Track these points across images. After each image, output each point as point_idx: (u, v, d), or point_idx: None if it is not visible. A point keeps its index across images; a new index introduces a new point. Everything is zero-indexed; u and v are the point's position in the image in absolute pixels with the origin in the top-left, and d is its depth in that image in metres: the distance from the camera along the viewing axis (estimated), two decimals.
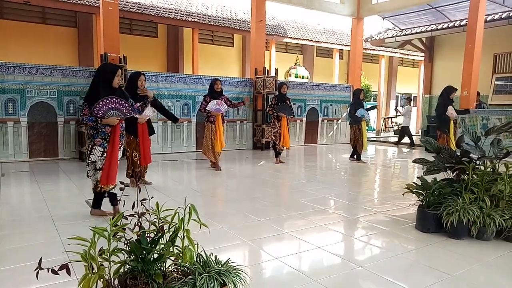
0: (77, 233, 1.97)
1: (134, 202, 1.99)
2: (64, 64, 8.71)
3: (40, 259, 1.69)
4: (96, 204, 3.86)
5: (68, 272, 1.66)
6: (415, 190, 3.64)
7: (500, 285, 2.55)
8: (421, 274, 2.65)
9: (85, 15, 11.83)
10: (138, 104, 4.07)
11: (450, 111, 7.29)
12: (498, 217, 3.15)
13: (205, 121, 6.62)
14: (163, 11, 12.40)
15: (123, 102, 3.54)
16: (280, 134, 7.47)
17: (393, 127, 18.17)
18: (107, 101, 3.47)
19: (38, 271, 1.65)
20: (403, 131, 11.93)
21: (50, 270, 1.64)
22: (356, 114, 7.79)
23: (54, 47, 11.83)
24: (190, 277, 1.81)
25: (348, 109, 8.17)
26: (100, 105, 3.45)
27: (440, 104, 7.50)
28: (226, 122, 7.43)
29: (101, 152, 3.65)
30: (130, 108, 3.62)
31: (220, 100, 6.36)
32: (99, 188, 3.74)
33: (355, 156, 8.18)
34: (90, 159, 3.68)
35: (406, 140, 11.78)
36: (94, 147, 3.64)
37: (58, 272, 1.65)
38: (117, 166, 3.74)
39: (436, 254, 3.00)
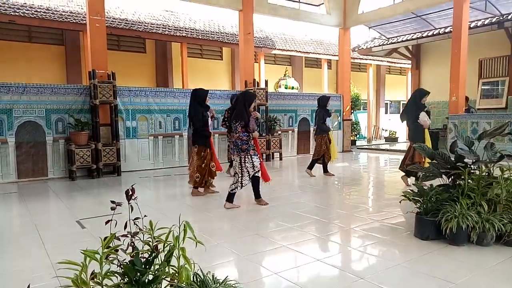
0: (68, 256, 1.88)
1: (126, 222, 1.91)
2: (52, 82, 8.62)
3: (28, 286, 1.60)
4: (258, 193, 5.02)
5: None
6: (412, 197, 3.60)
7: None
8: (423, 283, 2.59)
9: (72, 32, 11.76)
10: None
11: (423, 119, 5.95)
12: (497, 222, 3.13)
13: None
14: (151, 26, 12.41)
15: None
16: None
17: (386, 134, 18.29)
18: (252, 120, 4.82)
19: None
20: None
21: None
22: (325, 123, 7.25)
23: (41, 66, 11.72)
24: None
25: (315, 117, 7.44)
26: (252, 123, 4.79)
27: (411, 110, 6.12)
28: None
29: (257, 160, 4.82)
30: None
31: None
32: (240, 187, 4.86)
33: (311, 169, 7.49)
34: (253, 166, 4.78)
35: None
36: (253, 157, 4.77)
37: None
38: None
39: (437, 262, 2.95)
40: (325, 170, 7.51)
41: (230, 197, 4.94)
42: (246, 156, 4.77)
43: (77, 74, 12.14)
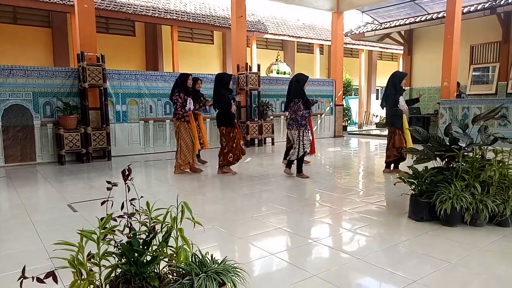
0: (62, 238, 1.83)
1: (123, 202, 1.87)
2: (39, 65, 8.39)
3: (24, 267, 1.55)
4: (300, 169, 5.69)
5: (55, 280, 1.54)
6: (407, 179, 3.62)
7: (497, 270, 2.54)
8: (419, 263, 2.62)
9: (59, 14, 11.42)
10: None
11: (402, 104, 5.73)
12: (491, 203, 3.16)
13: (178, 121, 6.09)
14: (141, 8, 12.12)
15: None
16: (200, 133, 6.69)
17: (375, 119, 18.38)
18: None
19: (22, 280, 1.52)
20: None
21: (35, 278, 1.51)
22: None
23: (27, 48, 11.39)
24: (187, 278, 1.71)
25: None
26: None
27: (391, 94, 5.81)
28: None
29: (310, 137, 5.59)
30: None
31: (189, 98, 6.05)
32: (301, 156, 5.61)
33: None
34: (308, 140, 5.55)
35: None
36: (307, 131, 5.54)
37: (44, 280, 1.52)
38: None
39: (432, 242, 2.98)
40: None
41: (290, 164, 5.84)
42: (305, 131, 5.50)
43: (64, 57, 11.85)
